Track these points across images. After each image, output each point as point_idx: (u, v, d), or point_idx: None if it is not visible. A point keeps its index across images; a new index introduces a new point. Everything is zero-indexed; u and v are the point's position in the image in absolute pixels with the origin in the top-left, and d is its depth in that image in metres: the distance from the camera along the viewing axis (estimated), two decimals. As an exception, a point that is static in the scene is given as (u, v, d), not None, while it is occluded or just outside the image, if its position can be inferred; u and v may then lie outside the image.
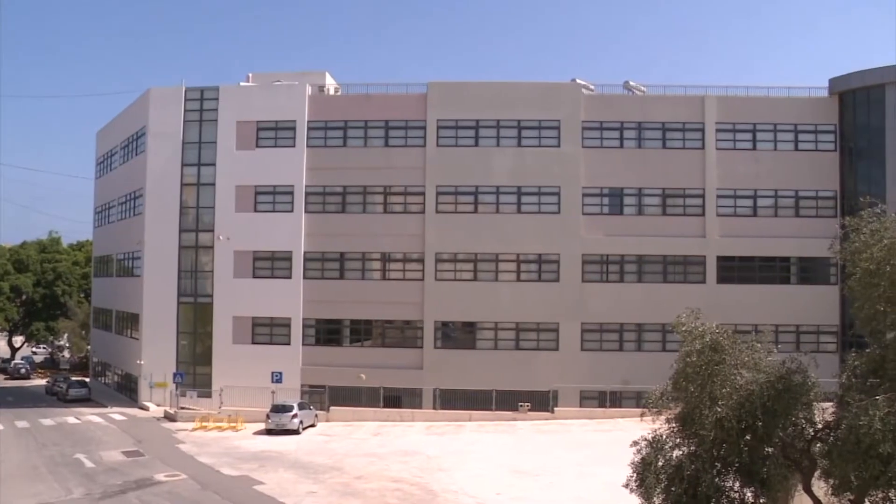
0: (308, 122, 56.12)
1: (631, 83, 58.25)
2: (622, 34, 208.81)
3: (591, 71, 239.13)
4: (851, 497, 15.44)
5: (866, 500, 15.22)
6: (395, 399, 52.93)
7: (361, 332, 56.70)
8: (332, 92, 59.40)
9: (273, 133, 56.49)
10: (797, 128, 55.32)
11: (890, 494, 14.55)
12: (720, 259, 54.44)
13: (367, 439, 44.48)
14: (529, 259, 55.24)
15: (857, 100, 54.81)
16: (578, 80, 56.87)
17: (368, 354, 54.95)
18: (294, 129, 56.06)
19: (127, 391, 61.53)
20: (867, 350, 16.11)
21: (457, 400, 51.24)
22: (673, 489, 15.92)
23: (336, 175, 55.72)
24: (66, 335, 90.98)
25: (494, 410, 50.19)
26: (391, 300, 54.62)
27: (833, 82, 55.49)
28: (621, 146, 55.53)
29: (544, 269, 55.01)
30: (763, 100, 56.00)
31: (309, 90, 56.82)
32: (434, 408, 52.47)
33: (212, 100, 57.23)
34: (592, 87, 57.33)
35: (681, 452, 16.34)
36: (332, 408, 51.09)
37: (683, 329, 16.52)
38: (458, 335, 56.42)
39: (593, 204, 55.20)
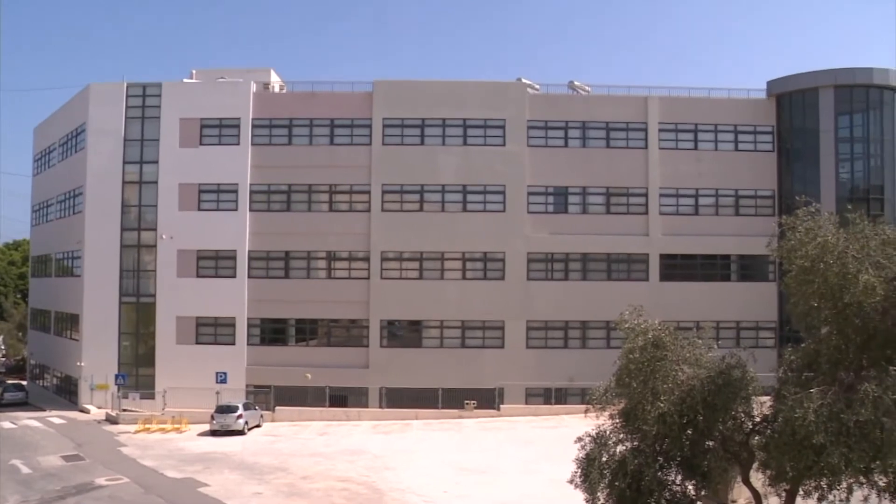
0: (253, 119, 55.56)
1: (576, 83, 58.85)
2: (566, 34, 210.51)
3: (536, 71, 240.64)
4: (787, 487, 15.84)
5: (800, 489, 15.61)
6: (342, 398, 52.75)
7: (307, 331, 56.38)
8: (277, 89, 58.92)
9: (217, 131, 55.83)
10: (737, 128, 56.50)
11: (822, 483, 14.95)
12: (663, 257, 55.34)
13: (313, 439, 44.27)
14: (475, 257, 55.49)
15: (793, 102, 56.21)
16: (524, 80, 57.25)
17: (314, 354, 54.64)
18: (238, 126, 55.45)
19: (66, 394, 60.23)
20: (803, 345, 16.53)
21: (403, 399, 51.29)
22: (617, 484, 16.12)
23: (281, 173, 55.30)
24: (0, 337, 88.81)
25: (441, 409, 50.32)
26: (337, 299, 54.41)
27: (771, 85, 56.88)
28: (566, 145, 56.07)
29: (490, 267, 55.30)
30: (704, 101, 57.06)
31: (254, 87, 56.28)
32: (380, 407, 52.48)
33: (154, 96, 56.30)
34: (538, 86, 57.75)
35: (624, 447, 16.57)
36: (277, 408, 50.72)
37: (626, 326, 16.78)
38: (404, 334, 56.43)
39: (538, 203, 55.64)
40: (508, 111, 55.32)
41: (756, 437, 16.32)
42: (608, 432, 16.86)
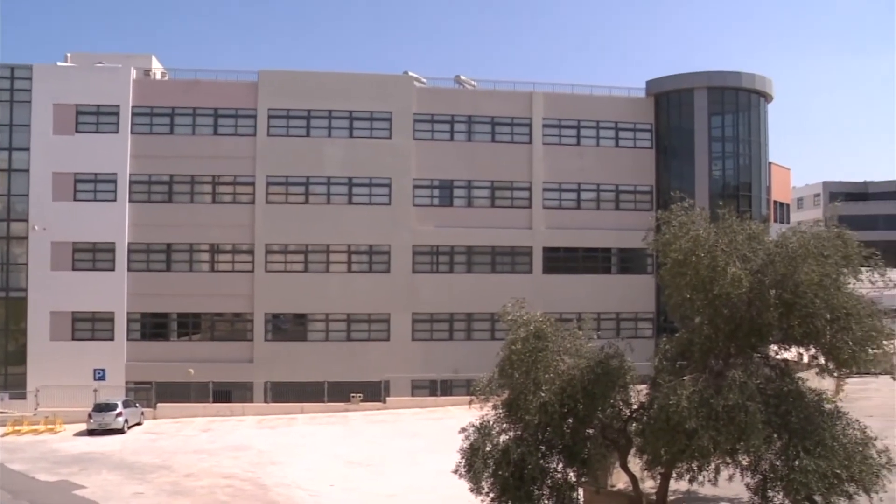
0: (133, 107, 53.74)
1: (462, 77, 59.43)
2: (454, 28, 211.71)
3: (423, 64, 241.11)
4: (662, 470, 16.55)
5: (674, 471, 16.34)
6: (226, 393, 51.85)
7: (190, 325, 55.11)
8: (158, 76, 57.25)
9: (94, 118, 53.78)
10: (618, 126, 58.29)
11: (693, 465, 15.71)
12: (546, 250, 56.58)
13: (196, 435, 43.38)
14: (360, 250, 55.43)
15: (670, 102, 58.43)
16: (411, 73, 57.47)
17: (197, 348, 53.56)
18: (117, 114, 53.52)
19: (-73, 396, 57.02)
20: (677, 335, 17.27)
21: (288, 393, 50.83)
22: (500, 473, 16.42)
23: (162, 163, 53.76)
24: None
25: (327, 402, 50.10)
26: (220, 292, 53.41)
27: (649, 84, 58.92)
28: (452, 139, 56.61)
29: (375, 260, 55.36)
30: (587, 98, 58.61)
31: (133, 74, 54.48)
32: (265, 401, 51.85)
33: (24, 79, 53.58)
34: (424, 80, 58.08)
35: (507, 437, 16.90)
36: (159, 404, 49.43)
37: (509, 318, 17.14)
38: (289, 327, 55.86)
39: (424, 196, 56.01)
40: (395, 104, 55.42)
41: (633, 424, 16.94)
42: (492, 422, 17.15)
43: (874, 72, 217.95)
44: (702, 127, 57.07)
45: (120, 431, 43.87)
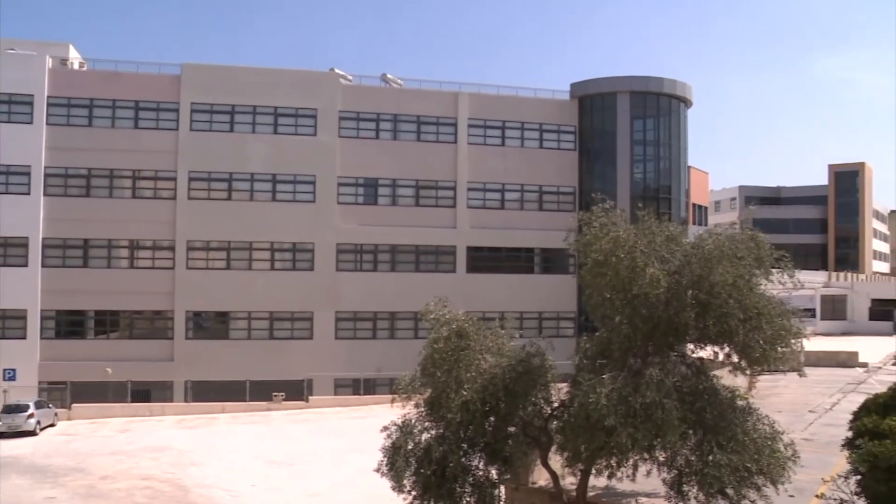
0: (48, 97, 52.17)
1: (388, 76, 59.44)
2: (381, 27, 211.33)
3: (349, 62, 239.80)
4: (582, 467, 16.82)
5: (593, 468, 16.65)
6: (145, 393, 50.77)
7: (107, 323, 53.80)
8: (76, 66, 55.74)
9: (6, 107, 52.01)
10: (542, 127, 59.09)
11: (612, 461, 16.03)
12: (470, 249, 57.01)
13: (113, 436, 42.33)
14: (284, 248, 54.99)
15: (593, 105, 59.48)
16: (337, 70, 57.21)
17: (115, 347, 52.37)
18: (32, 103, 51.88)
19: None
20: (597, 334, 17.57)
21: (210, 392, 50.03)
22: (422, 471, 16.44)
23: (80, 156, 52.35)
24: None
25: (249, 401, 49.51)
26: (140, 290, 52.27)
27: (574, 87, 59.86)
28: (377, 137, 56.59)
29: (299, 257, 54.97)
30: (512, 99, 59.23)
31: (49, 62, 52.83)
32: (186, 401, 50.93)
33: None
34: (350, 77, 57.91)
35: (429, 435, 16.91)
36: (74, 405, 48.07)
37: (431, 317, 17.19)
38: (210, 325, 55.05)
39: (348, 194, 55.86)
40: (320, 101, 55.11)
41: (554, 422, 17.13)
42: (414, 421, 17.15)
43: (790, 82, 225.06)
44: (624, 130, 58.26)
45: (31, 434, 42.30)
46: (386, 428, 17.42)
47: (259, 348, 53.15)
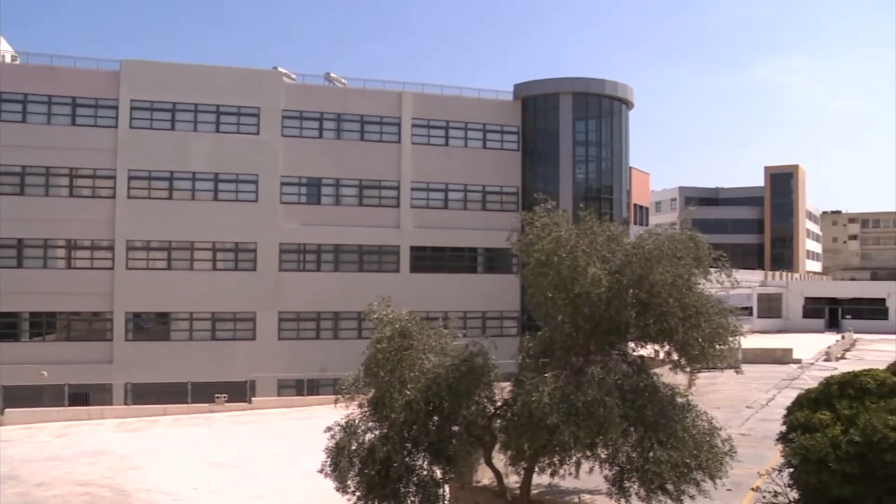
0: (-21, 93, 50.89)
1: (332, 75, 59.22)
2: (325, 26, 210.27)
3: (293, 61, 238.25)
4: (525, 465, 16.98)
5: (536, 466, 16.82)
6: (83, 396, 49.60)
7: (43, 325, 52.59)
8: (8, 59, 54.41)
9: (-68, 102, 50.59)
10: (486, 127, 59.41)
11: (555, 459, 16.22)
12: (413, 249, 57.08)
13: (49, 442, 41.29)
14: (226, 248, 54.40)
15: (537, 106, 59.99)
16: (280, 69, 56.77)
17: (52, 350, 51.20)
18: (-40, 99, 50.57)
19: None
20: (539, 333, 17.73)
21: (150, 394, 49.14)
22: (366, 471, 16.43)
23: (13, 153, 50.97)
24: None
25: (190, 403, 48.75)
26: (77, 291, 51.21)
27: (517, 88, 60.31)
28: (321, 137, 56.32)
29: (241, 257, 54.45)
30: (456, 99, 59.44)
31: (-21, 57, 51.60)
32: (126, 403, 49.95)
33: None
34: (294, 76, 57.53)
35: (373, 435, 16.91)
36: (7, 410, 46.64)
37: (375, 317, 17.18)
38: (151, 326, 54.20)
39: (291, 193, 55.50)
40: (263, 100, 54.65)
41: (497, 421, 17.25)
42: (357, 421, 17.13)
43: (728, 85, 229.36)
44: (566, 131, 58.87)
45: (-38, 440, 41.24)
46: (329, 428, 17.36)
47: (201, 349, 52.48)
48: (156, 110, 53.19)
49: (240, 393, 49.93)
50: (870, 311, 77.05)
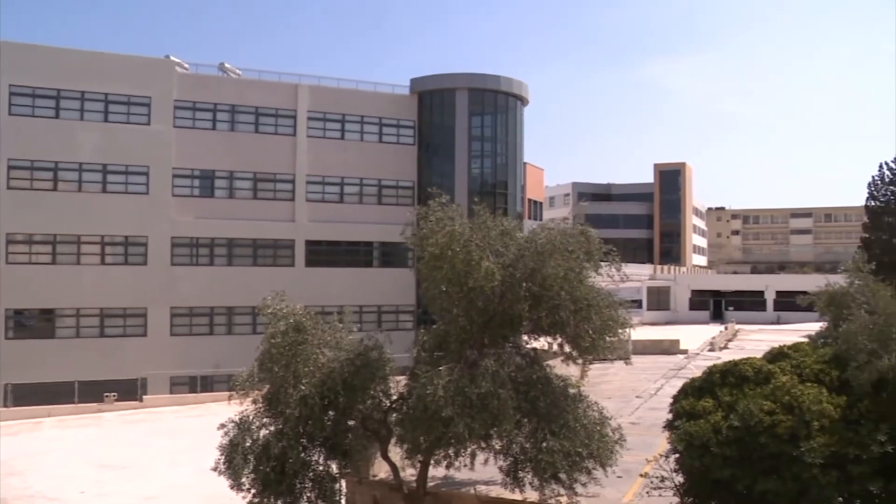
0: None
1: (227, 65, 58.15)
2: (219, 15, 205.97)
3: (186, 50, 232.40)
4: (421, 458, 17.12)
5: (432, 459, 16.98)
6: (-42, 397, 47.50)
7: (-85, 322, 50.01)
8: None
9: None
10: (382, 121, 59.34)
11: (450, 452, 16.41)
12: (309, 243, 56.61)
13: (-80, 448, 39.31)
14: (115, 241, 52.70)
15: (433, 100, 60.28)
16: (172, 58, 55.34)
17: (-76, 347, 48.76)
18: None
19: None
20: (434, 326, 17.88)
21: (34, 395, 47.16)
22: (261, 468, 16.27)
23: None
24: None
25: (77, 403, 47.14)
26: (-47, 286, 48.91)
27: (413, 83, 60.46)
28: (214, 128, 55.19)
29: (131, 251, 52.89)
30: (352, 93, 59.17)
31: None
32: (5, 405, 47.89)
33: None
34: (187, 65, 56.18)
35: (268, 431, 16.78)
36: None
37: (269, 311, 17.03)
38: (34, 324, 52.07)
39: (184, 185, 54.22)
40: (154, 89, 53.14)
41: (393, 415, 17.33)
42: (252, 417, 16.96)
43: (619, 84, 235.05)
44: (462, 126, 59.34)
45: None
46: (223, 425, 17.12)
47: (89, 347, 50.73)
48: (38, 97, 50.97)
49: (130, 391, 48.50)
50: (750, 302, 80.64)
